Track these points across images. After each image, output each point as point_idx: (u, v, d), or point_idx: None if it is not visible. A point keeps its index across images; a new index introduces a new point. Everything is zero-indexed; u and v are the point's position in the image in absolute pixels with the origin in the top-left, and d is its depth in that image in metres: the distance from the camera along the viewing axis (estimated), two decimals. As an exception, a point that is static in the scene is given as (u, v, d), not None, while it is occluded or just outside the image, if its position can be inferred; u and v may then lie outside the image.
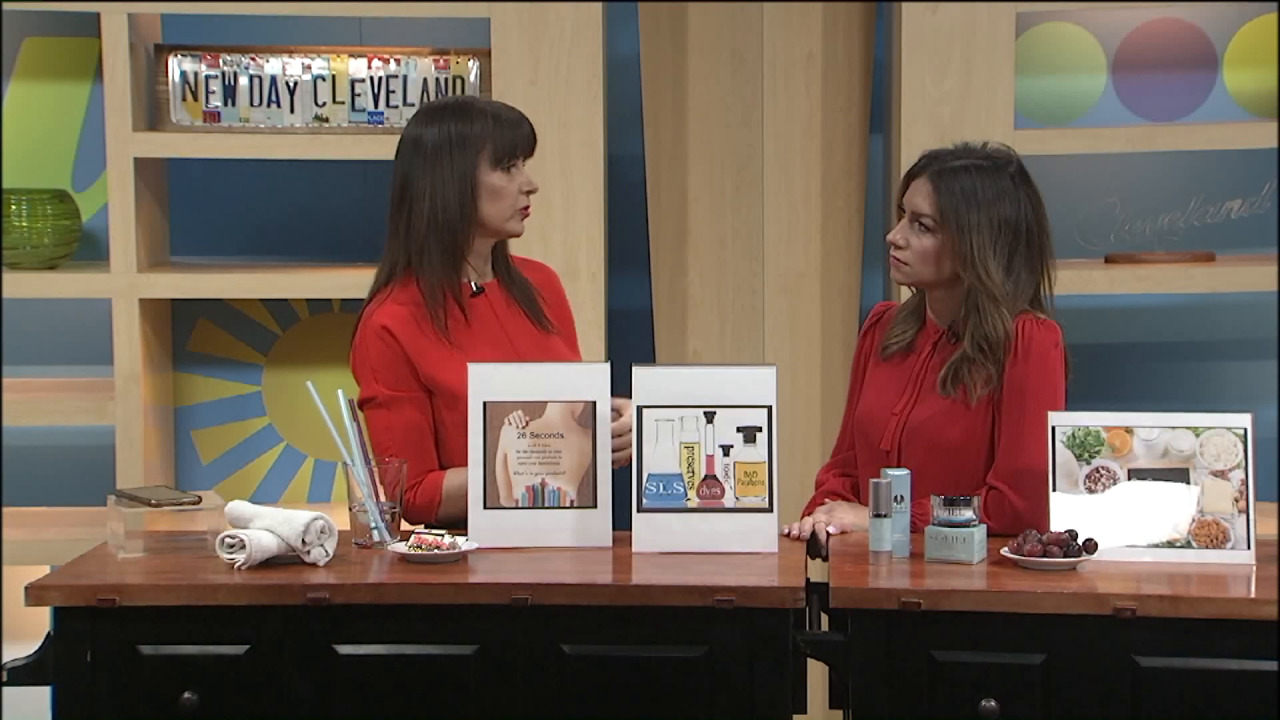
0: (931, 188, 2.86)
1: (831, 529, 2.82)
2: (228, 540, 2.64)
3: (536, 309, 3.05)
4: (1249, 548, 2.62)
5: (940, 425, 2.83)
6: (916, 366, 2.91)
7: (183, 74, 3.85)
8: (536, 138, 3.01)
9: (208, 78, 3.85)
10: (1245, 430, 2.65)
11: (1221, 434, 2.65)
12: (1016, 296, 2.85)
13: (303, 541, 2.64)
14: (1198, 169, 4.01)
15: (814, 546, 2.81)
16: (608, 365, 2.79)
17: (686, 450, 2.72)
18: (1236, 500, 2.64)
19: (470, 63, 3.87)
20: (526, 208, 2.99)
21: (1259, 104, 4.02)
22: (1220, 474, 2.64)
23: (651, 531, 2.72)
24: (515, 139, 2.95)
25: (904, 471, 2.71)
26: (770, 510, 2.72)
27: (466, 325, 2.95)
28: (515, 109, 3.01)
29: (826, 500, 2.95)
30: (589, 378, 2.78)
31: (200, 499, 2.83)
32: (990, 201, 2.83)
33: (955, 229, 2.83)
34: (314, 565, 2.64)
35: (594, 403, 2.77)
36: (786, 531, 2.81)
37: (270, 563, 2.63)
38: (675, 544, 2.71)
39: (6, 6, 3.79)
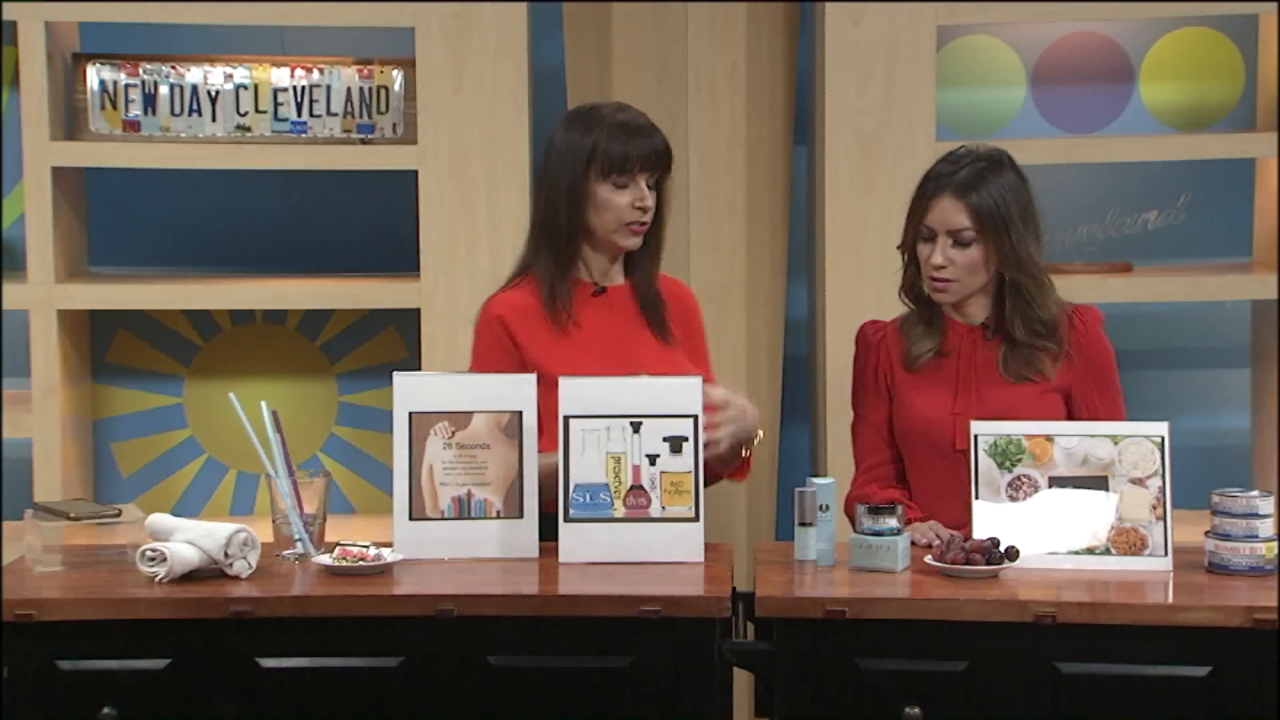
0: (961, 202, 2.92)
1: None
2: (148, 553, 2.61)
3: (660, 320, 3.04)
4: (1166, 554, 2.66)
5: (1018, 414, 2.83)
6: (960, 367, 2.97)
7: (101, 83, 3.81)
8: (668, 154, 2.98)
9: (127, 86, 3.81)
10: (1163, 439, 2.69)
11: (1139, 442, 2.69)
12: (1046, 277, 2.97)
13: (225, 554, 2.61)
14: (1115, 181, 4.07)
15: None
16: (533, 376, 2.79)
17: (613, 460, 2.73)
18: (1154, 508, 2.67)
19: (394, 72, 3.85)
20: (636, 223, 2.97)
21: (1175, 116, 4.09)
22: (1138, 482, 2.68)
23: (578, 542, 2.71)
24: (628, 153, 2.94)
25: (829, 480, 2.73)
26: (696, 520, 2.72)
27: (579, 322, 2.97)
28: (647, 122, 2.99)
29: None
30: (515, 388, 2.78)
31: (120, 512, 2.80)
32: (1011, 194, 2.94)
33: (995, 232, 2.91)
34: (236, 578, 2.62)
35: (520, 413, 2.77)
36: None
37: (192, 576, 2.61)
38: (602, 554, 2.71)
39: (-80, 13, 3.73)
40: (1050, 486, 2.70)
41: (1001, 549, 2.63)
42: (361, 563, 2.64)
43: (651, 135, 2.98)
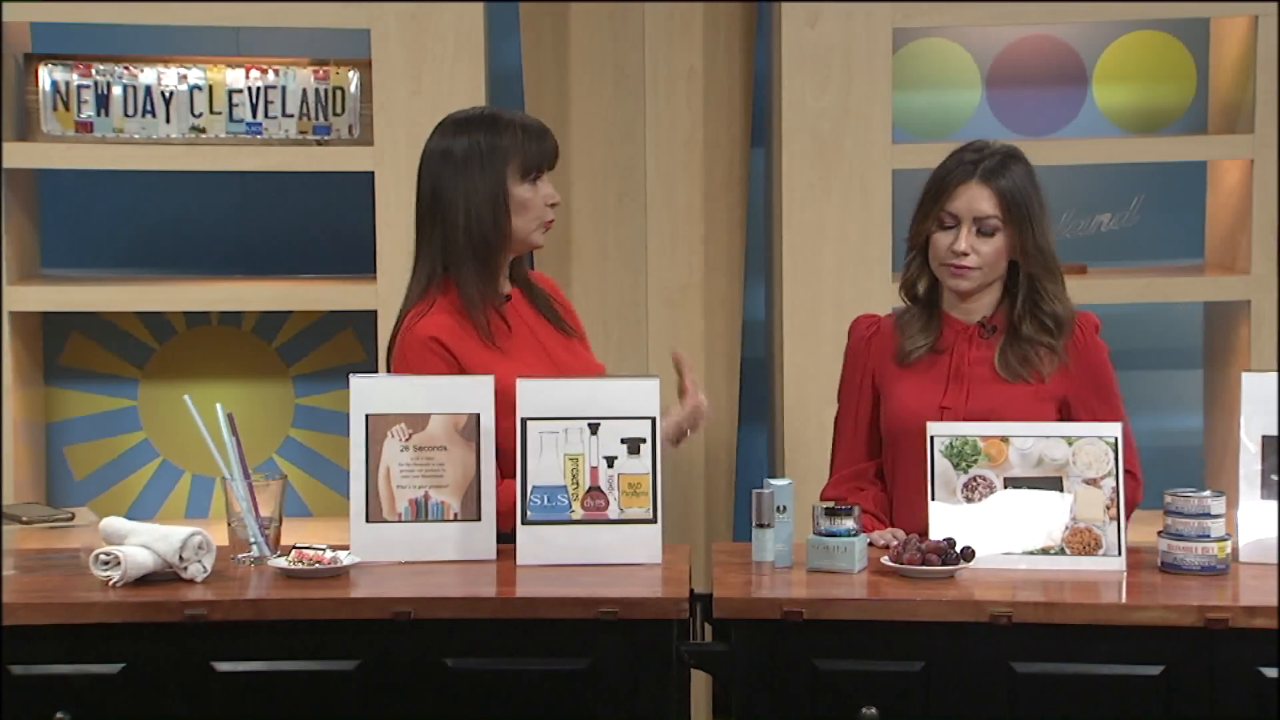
0: (989, 189, 2.91)
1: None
2: (102, 557, 2.59)
3: (558, 316, 3.05)
4: (1120, 554, 2.68)
5: (1007, 414, 2.82)
6: (953, 363, 2.95)
7: (54, 84, 3.78)
8: (559, 151, 3.00)
9: (79, 87, 3.78)
10: (1116, 439, 2.71)
11: (1093, 443, 2.71)
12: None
13: (180, 557, 2.60)
14: (1069, 183, 4.10)
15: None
16: (490, 378, 2.78)
17: (571, 462, 2.72)
18: (1108, 508, 2.69)
19: (350, 74, 3.84)
20: (550, 220, 2.98)
21: (1128, 119, 4.12)
22: (1092, 482, 2.70)
23: (536, 544, 2.71)
24: (542, 151, 2.95)
25: (786, 481, 2.74)
26: (654, 521, 2.72)
27: (508, 333, 2.95)
28: (539, 121, 3.01)
29: None
30: (472, 390, 2.77)
31: (73, 515, 2.79)
32: (1033, 188, 2.93)
33: (1020, 222, 2.90)
34: (191, 581, 2.60)
35: (477, 415, 2.76)
36: None
37: (146, 579, 2.59)
38: (559, 556, 2.70)
39: None
40: (1005, 487, 2.72)
41: (957, 550, 2.65)
42: (318, 565, 2.63)
43: (549, 134, 2.99)
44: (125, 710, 2.51)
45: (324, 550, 2.66)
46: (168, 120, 3.81)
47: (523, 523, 2.71)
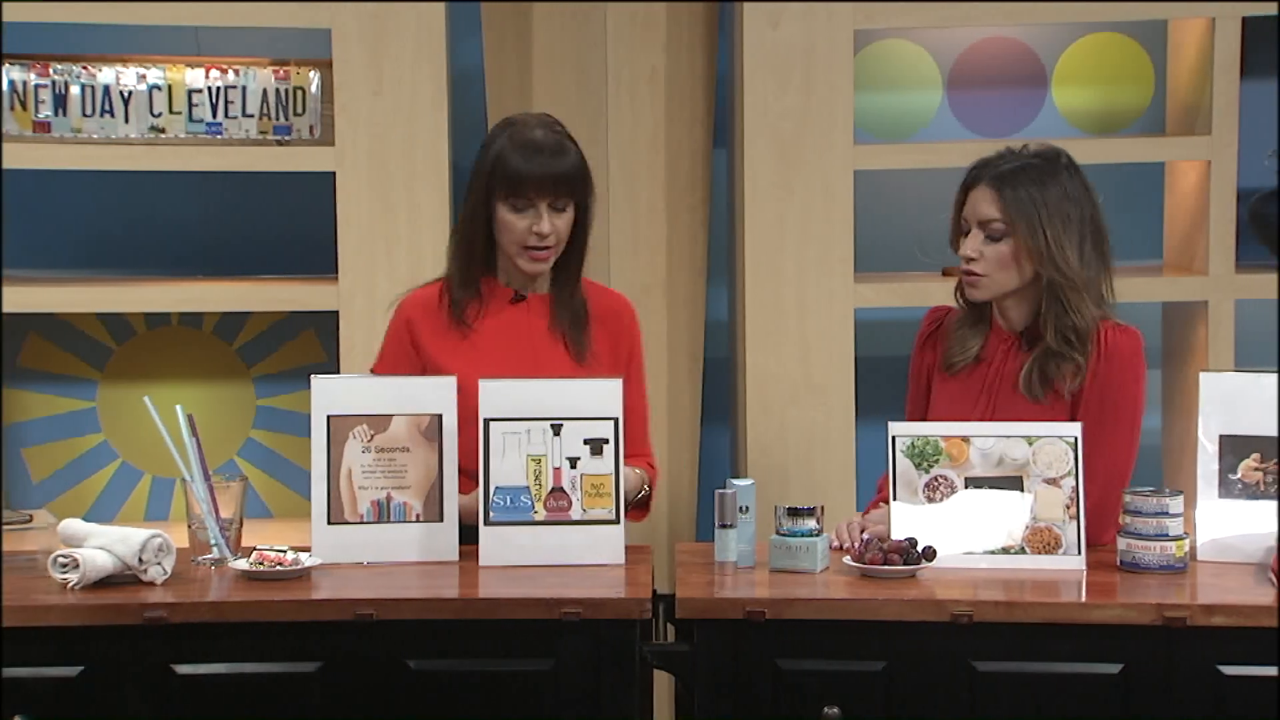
0: (994, 193, 2.87)
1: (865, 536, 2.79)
2: (60, 559, 2.57)
3: (579, 339, 2.95)
4: (1079, 553, 2.70)
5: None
6: (989, 376, 2.92)
7: (11, 83, 3.75)
8: (572, 179, 2.86)
9: (37, 87, 3.75)
10: (1075, 439, 2.73)
11: (1053, 443, 2.73)
12: (1091, 286, 2.87)
13: (139, 560, 2.58)
14: (1029, 184, 4.11)
15: None
16: (453, 379, 2.78)
17: (533, 463, 2.72)
18: (1068, 507, 2.71)
19: (311, 74, 3.82)
20: (532, 249, 2.88)
21: (1087, 120, 4.15)
22: (1052, 482, 2.72)
23: (499, 545, 2.71)
24: (524, 182, 2.84)
25: (749, 482, 2.74)
26: (617, 522, 2.73)
27: (487, 327, 2.94)
28: (556, 141, 2.87)
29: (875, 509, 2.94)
30: (435, 391, 2.77)
31: (31, 518, 2.77)
32: (1054, 193, 2.86)
33: (1027, 226, 2.84)
34: (151, 584, 2.59)
35: (440, 415, 2.76)
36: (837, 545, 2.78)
37: (106, 582, 2.58)
38: (523, 557, 2.70)
39: None
40: (967, 487, 2.73)
41: (919, 549, 2.66)
42: (279, 567, 2.62)
43: (556, 157, 2.85)
44: (84, 713, 2.49)
45: (285, 552, 2.65)
46: (127, 120, 3.78)
47: (485, 523, 2.71)
